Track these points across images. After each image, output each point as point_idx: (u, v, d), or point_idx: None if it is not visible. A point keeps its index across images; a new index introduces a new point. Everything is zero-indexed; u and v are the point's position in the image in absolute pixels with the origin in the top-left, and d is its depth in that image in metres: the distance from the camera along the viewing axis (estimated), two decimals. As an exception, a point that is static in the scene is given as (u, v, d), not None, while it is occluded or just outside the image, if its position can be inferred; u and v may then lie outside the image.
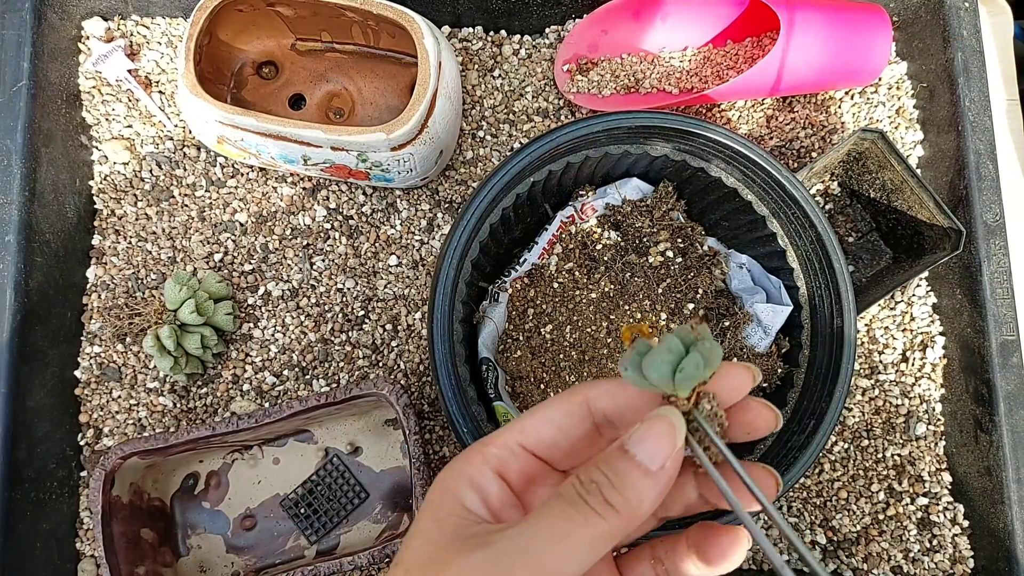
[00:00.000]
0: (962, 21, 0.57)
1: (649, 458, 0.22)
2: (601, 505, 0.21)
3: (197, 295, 0.54)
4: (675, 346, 0.23)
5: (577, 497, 0.22)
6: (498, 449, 0.24)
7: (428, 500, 0.24)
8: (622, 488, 0.22)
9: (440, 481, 0.24)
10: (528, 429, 0.25)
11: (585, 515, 0.21)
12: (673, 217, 0.52)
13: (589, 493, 0.22)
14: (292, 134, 0.51)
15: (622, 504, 0.21)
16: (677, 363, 0.23)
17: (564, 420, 0.25)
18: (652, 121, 0.45)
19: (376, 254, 0.59)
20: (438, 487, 0.24)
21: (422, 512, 0.24)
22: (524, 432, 0.25)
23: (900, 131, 0.61)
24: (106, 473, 0.48)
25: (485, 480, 0.24)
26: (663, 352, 0.23)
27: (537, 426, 0.25)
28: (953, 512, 0.56)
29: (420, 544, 0.23)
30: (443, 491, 0.24)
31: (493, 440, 0.25)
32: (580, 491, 0.22)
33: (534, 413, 0.25)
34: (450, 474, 0.24)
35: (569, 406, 0.25)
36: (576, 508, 0.21)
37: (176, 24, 0.61)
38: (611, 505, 0.21)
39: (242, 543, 0.54)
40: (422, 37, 0.51)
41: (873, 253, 0.61)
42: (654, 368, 0.22)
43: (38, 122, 0.54)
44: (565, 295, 0.52)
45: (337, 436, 0.55)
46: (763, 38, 0.59)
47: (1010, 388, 0.53)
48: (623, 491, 0.22)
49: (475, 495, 0.24)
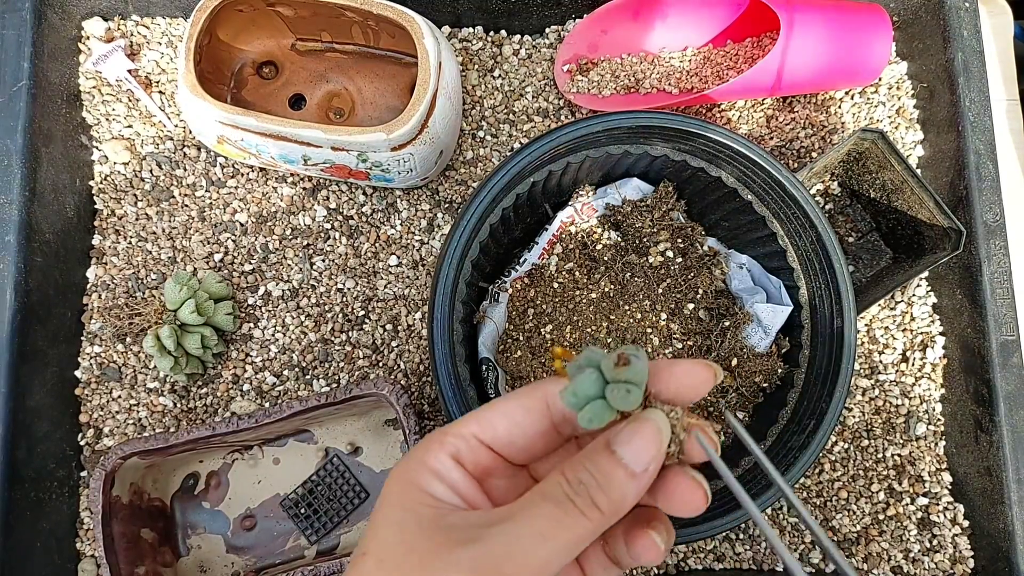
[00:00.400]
0: (962, 21, 0.57)
1: (635, 460, 0.22)
2: (588, 506, 0.22)
3: (197, 295, 0.54)
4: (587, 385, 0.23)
5: (564, 497, 0.22)
6: (455, 439, 0.24)
7: (389, 491, 0.24)
8: (608, 489, 0.22)
9: (400, 473, 0.24)
10: (485, 422, 0.25)
11: (572, 515, 0.22)
12: (673, 217, 0.52)
13: (577, 494, 0.22)
14: (292, 134, 0.51)
15: (607, 504, 0.22)
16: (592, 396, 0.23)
17: (522, 417, 0.25)
18: (652, 121, 0.45)
19: (376, 254, 0.59)
20: (399, 478, 0.24)
21: (385, 502, 0.24)
22: (481, 424, 0.25)
23: (900, 131, 0.61)
24: (106, 473, 0.48)
25: (448, 470, 0.24)
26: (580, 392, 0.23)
27: (494, 421, 0.25)
28: (953, 512, 0.56)
29: (393, 534, 0.23)
30: (406, 482, 0.24)
31: (451, 430, 0.25)
32: (567, 491, 0.22)
33: (493, 407, 0.25)
34: (410, 465, 0.24)
35: (529, 401, 0.25)
36: (563, 509, 0.22)
37: (176, 24, 0.61)
38: (596, 506, 0.22)
39: (242, 543, 0.54)
40: (422, 37, 0.51)
41: (873, 253, 0.61)
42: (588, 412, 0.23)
43: (38, 122, 0.54)
44: (565, 295, 0.52)
45: (337, 436, 0.55)
46: (763, 38, 0.59)
47: (1010, 388, 0.53)
48: (609, 492, 0.22)
49: (442, 484, 0.24)
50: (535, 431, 0.25)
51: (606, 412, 0.23)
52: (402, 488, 0.24)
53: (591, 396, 0.23)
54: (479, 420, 0.25)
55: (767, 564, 0.56)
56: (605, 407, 0.23)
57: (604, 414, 0.23)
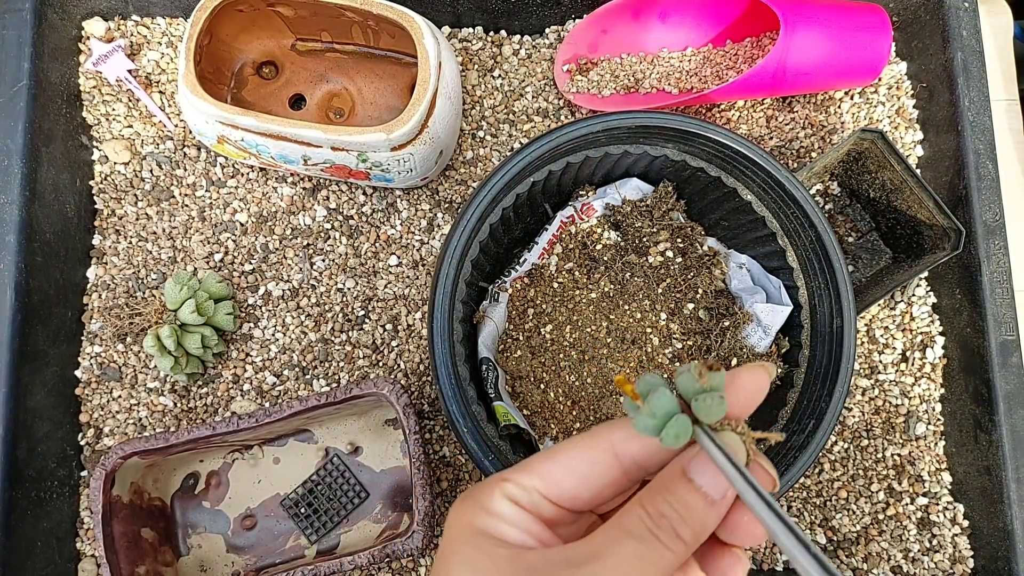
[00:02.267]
0: (962, 21, 0.57)
1: (713, 487, 0.21)
2: (672, 539, 0.21)
3: (197, 295, 0.54)
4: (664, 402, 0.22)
5: (648, 533, 0.21)
6: (516, 488, 0.24)
7: (455, 533, 0.23)
8: (690, 520, 0.21)
9: (462, 517, 0.23)
10: (549, 478, 0.23)
11: (657, 551, 0.21)
12: (673, 217, 0.52)
13: (660, 528, 0.21)
14: (292, 134, 0.51)
15: (689, 535, 0.21)
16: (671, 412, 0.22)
17: (589, 470, 0.23)
18: (652, 121, 0.45)
19: (376, 254, 0.59)
20: (462, 523, 0.23)
21: (454, 544, 0.23)
22: (544, 480, 0.24)
23: (900, 131, 0.61)
24: (106, 473, 0.48)
25: (513, 514, 0.23)
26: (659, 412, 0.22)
27: (558, 476, 0.23)
28: (953, 512, 0.57)
29: (469, 572, 0.22)
30: (473, 528, 0.23)
31: (510, 477, 0.24)
32: (650, 526, 0.21)
33: (555, 458, 0.24)
34: (471, 510, 0.23)
35: (594, 453, 0.23)
36: (648, 545, 0.21)
37: (176, 24, 0.61)
38: (680, 537, 0.21)
39: (242, 543, 0.54)
40: (422, 37, 0.51)
41: (873, 253, 0.61)
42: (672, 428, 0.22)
43: (38, 122, 0.54)
44: (565, 295, 0.52)
45: (337, 436, 0.55)
46: (763, 38, 0.59)
47: (1010, 388, 0.53)
48: (691, 523, 0.21)
49: (512, 528, 0.23)
50: (603, 482, 0.24)
51: (689, 427, 0.22)
52: (470, 534, 0.23)
53: (670, 413, 0.22)
54: (541, 475, 0.23)
55: (767, 564, 0.56)
56: (687, 422, 0.22)
57: (688, 429, 0.22)
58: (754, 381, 0.24)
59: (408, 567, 0.55)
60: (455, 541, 0.23)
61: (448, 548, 0.23)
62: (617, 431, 0.24)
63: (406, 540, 0.47)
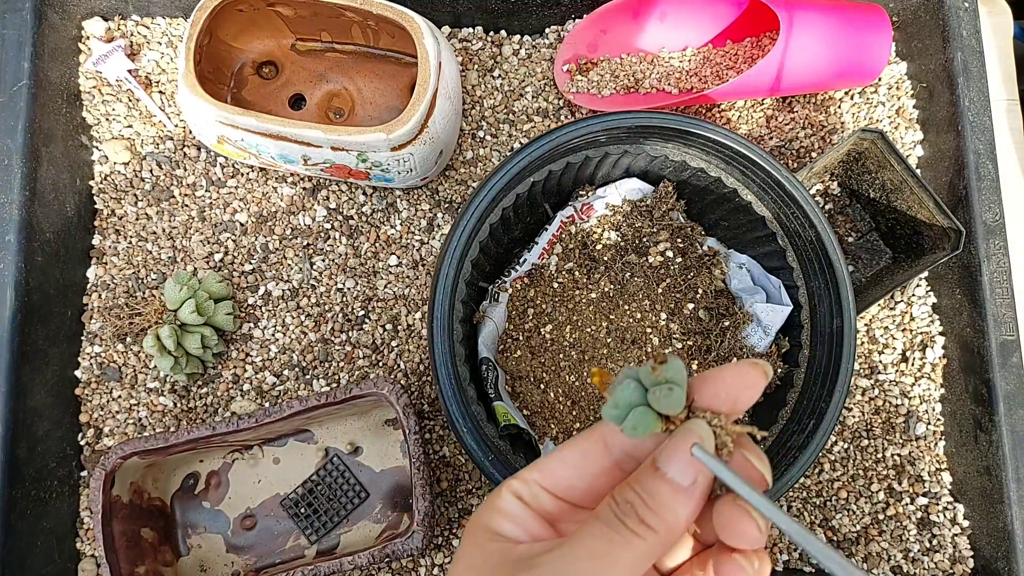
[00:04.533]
0: (962, 21, 0.57)
1: (680, 474, 0.22)
2: (638, 525, 0.21)
3: (197, 295, 0.54)
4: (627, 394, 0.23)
5: (614, 518, 0.22)
6: (520, 482, 0.25)
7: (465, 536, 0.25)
8: (657, 507, 0.22)
9: (474, 519, 0.25)
10: (545, 469, 0.25)
11: (624, 536, 0.21)
12: (673, 217, 0.52)
13: (625, 514, 0.22)
14: (292, 134, 0.51)
15: (657, 523, 0.21)
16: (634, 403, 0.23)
17: (580, 460, 0.24)
18: (652, 121, 0.45)
19: (376, 254, 0.59)
20: (473, 523, 0.25)
21: (462, 544, 0.25)
22: (542, 472, 0.25)
23: (900, 131, 0.61)
24: (106, 473, 0.48)
25: (514, 508, 0.24)
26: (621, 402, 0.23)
27: (553, 468, 0.25)
28: (953, 512, 0.57)
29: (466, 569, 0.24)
30: (478, 526, 0.24)
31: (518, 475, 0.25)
32: (616, 512, 0.22)
33: (552, 454, 0.25)
34: (482, 510, 0.25)
35: (586, 445, 0.24)
36: (614, 529, 0.22)
37: (176, 24, 0.62)
38: (647, 525, 0.21)
39: (242, 543, 0.54)
40: (422, 37, 0.51)
41: (873, 253, 0.61)
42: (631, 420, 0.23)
43: (38, 122, 0.54)
44: (565, 295, 0.52)
45: (337, 436, 0.55)
46: (763, 38, 0.59)
47: (1010, 388, 0.53)
48: (658, 510, 0.21)
49: (509, 523, 0.24)
50: (595, 471, 0.24)
51: (649, 418, 0.22)
52: (475, 531, 0.24)
53: (632, 404, 0.23)
54: (540, 468, 0.25)
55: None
56: (648, 413, 0.22)
57: (648, 421, 0.22)
58: (739, 377, 0.23)
59: (408, 567, 0.55)
60: (464, 540, 0.25)
61: (459, 550, 0.25)
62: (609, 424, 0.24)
63: (406, 540, 0.47)
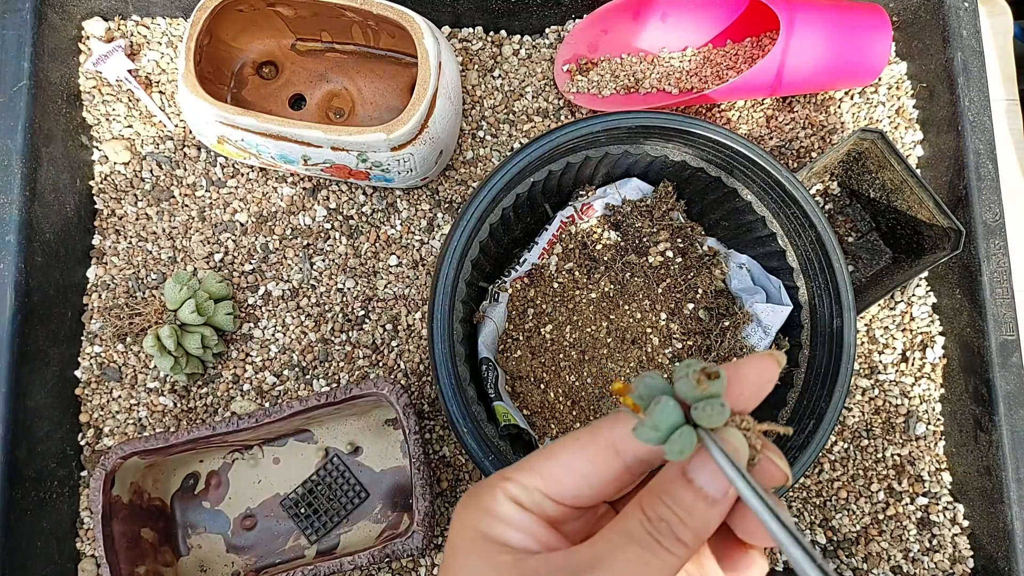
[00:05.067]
0: (962, 21, 0.57)
1: (714, 487, 0.21)
2: (673, 543, 0.21)
3: (197, 295, 0.54)
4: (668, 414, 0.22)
5: (648, 538, 0.21)
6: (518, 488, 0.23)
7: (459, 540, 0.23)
8: (691, 522, 0.21)
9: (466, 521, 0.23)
10: (550, 478, 0.23)
11: (659, 555, 0.21)
12: (673, 217, 0.52)
13: (661, 533, 0.21)
14: (292, 134, 0.51)
15: (691, 538, 0.21)
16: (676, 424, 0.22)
17: (590, 469, 0.23)
18: (652, 121, 0.45)
19: (376, 254, 0.59)
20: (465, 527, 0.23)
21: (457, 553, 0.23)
22: (546, 480, 0.23)
23: (900, 131, 0.61)
24: (106, 473, 0.48)
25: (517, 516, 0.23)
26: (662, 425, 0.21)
27: (559, 475, 0.23)
28: (953, 512, 0.57)
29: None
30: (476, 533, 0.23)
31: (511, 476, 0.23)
32: (651, 530, 0.21)
33: (554, 457, 0.23)
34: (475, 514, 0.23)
35: (595, 451, 0.23)
36: (649, 550, 0.21)
37: (176, 24, 0.61)
38: (681, 540, 0.21)
39: (242, 543, 0.54)
40: (422, 37, 0.51)
41: (873, 253, 0.61)
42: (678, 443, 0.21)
43: (38, 122, 0.54)
44: (565, 295, 0.52)
45: (337, 436, 0.55)
46: (763, 38, 0.59)
47: (1010, 388, 0.53)
48: (691, 525, 0.21)
49: (515, 532, 0.23)
50: (605, 480, 0.23)
51: (693, 438, 0.21)
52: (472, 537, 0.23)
53: (675, 425, 0.21)
54: (543, 474, 0.23)
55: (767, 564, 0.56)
56: (691, 433, 0.21)
57: (692, 441, 0.21)
58: (759, 372, 0.23)
59: (408, 567, 0.55)
60: (459, 547, 0.23)
61: (452, 554, 0.23)
62: (618, 427, 0.23)
63: (406, 540, 0.47)
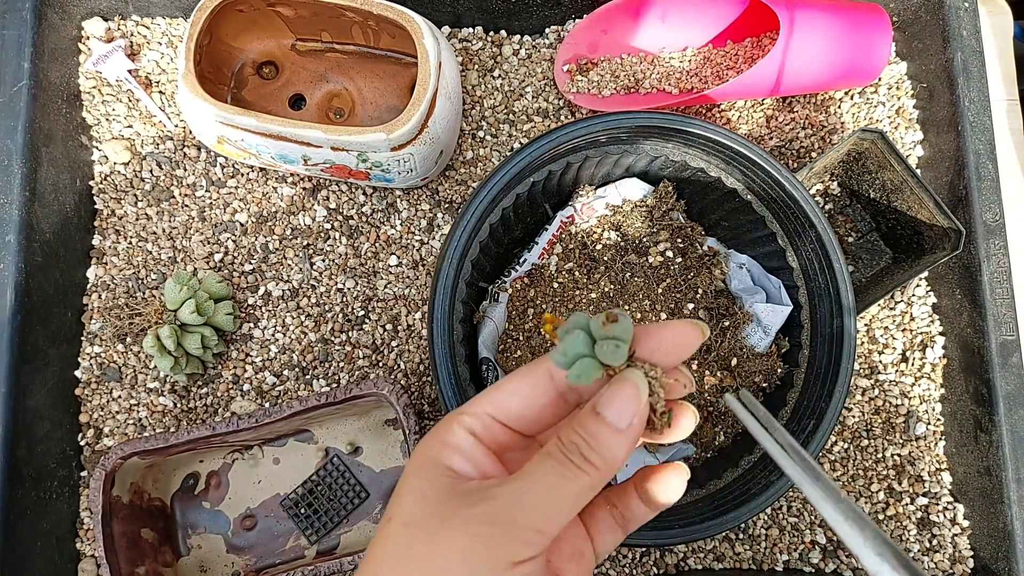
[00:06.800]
0: (962, 21, 0.57)
1: (618, 418, 0.25)
2: (583, 463, 0.24)
3: (197, 295, 0.54)
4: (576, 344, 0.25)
5: (562, 456, 0.25)
6: (471, 417, 0.26)
7: (413, 465, 0.26)
8: (597, 447, 0.25)
9: (422, 450, 0.26)
10: (496, 402, 0.27)
11: (571, 471, 0.24)
12: (673, 217, 0.52)
13: (571, 453, 0.25)
14: (292, 134, 0.51)
15: (599, 460, 0.24)
16: (581, 353, 0.25)
17: (530, 391, 0.27)
18: (652, 121, 0.45)
19: (376, 254, 0.59)
20: (420, 455, 0.26)
21: (408, 476, 0.26)
22: (492, 403, 0.26)
23: (900, 131, 0.61)
24: (106, 473, 0.48)
25: (466, 444, 0.26)
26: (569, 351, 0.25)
27: (503, 400, 0.27)
28: (953, 512, 0.57)
29: (414, 500, 0.25)
30: (427, 458, 0.26)
31: (466, 409, 0.27)
32: (563, 450, 0.25)
33: (502, 387, 0.27)
34: (431, 443, 0.26)
35: (533, 378, 0.27)
36: (563, 465, 0.24)
37: (176, 24, 0.61)
38: (590, 462, 0.24)
39: (242, 543, 0.54)
40: (422, 37, 0.51)
41: (873, 253, 0.61)
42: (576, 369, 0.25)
43: (38, 122, 0.54)
44: (565, 295, 0.52)
45: (337, 436, 0.55)
46: (763, 38, 0.59)
47: (1010, 388, 0.53)
48: (598, 449, 0.24)
49: (460, 458, 0.26)
50: (543, 403, 0.27)
51: (593, 368, 0.25)
52: (423, 463, 0.26)
53: (580, 354, 0.25)
54: (491, 400, 0.27)
55: (767, 564, 0.56)
56: (592, 364, 0.25)
57: (591, 370, 0.25)
58: (678, 335, 0.26)
59: (408, 567, 0.55)
60: (409, 470, 0.26)
61: (404, 478, 0.26)
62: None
63: (406, 540, 0.47)
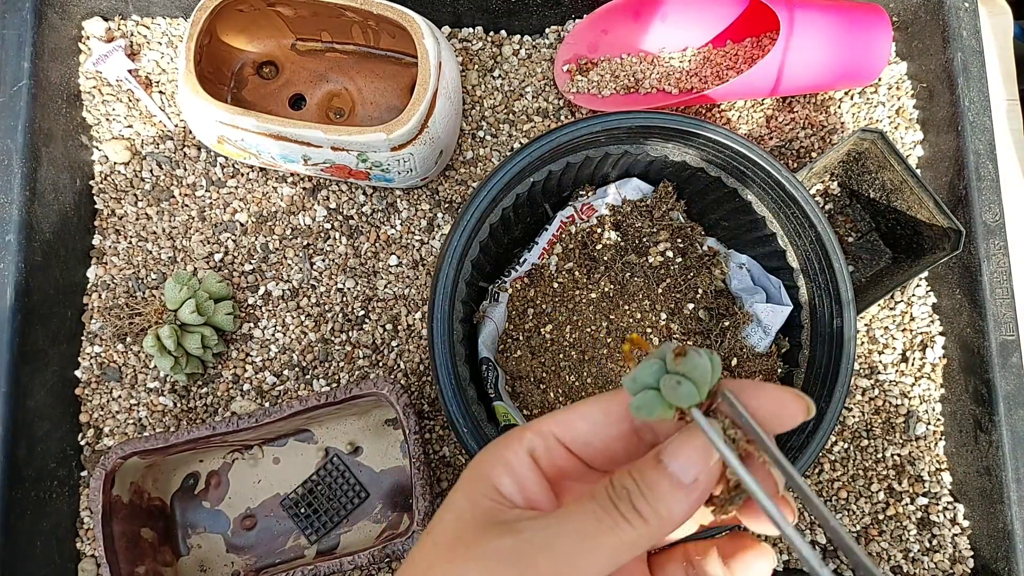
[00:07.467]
0: (962, 21, 0.57)
1: (682, 471, 0.22)
2: (630, 512, 0.21)
3: (197, 295, 0.54)
4: (646, 373, 0.23)
5: (608, 500, 0.22)
6: (534, 435, 0.24)
7: (464, 478, 0.24)
8: (651, 498, 0.22)
9: (477, 463, 0.24)
10: (564, 423, 0.24)
11: (614, 519, 0.21)
12: (673, 217, 0.52)
13: (619, 499, 0.22)
14: (292, 134, 0.51)
15: (650, 514, 0.21)
16: (649, 384, 0.22)
17: (600, 419, 0.24)
18: (652, 121, 0.45)
19: (376, 254, 0.59)
20: (474, 468, 0.24)
21: (457, 489, 0.24)
22: (559, 424, 0.24)
23: (900, 131, 0.61)
24: (106, 473, 0.48)
25: (521, 466, 0.24)
26: (638, 378, 0.22)
27: (573, 421, 0.24)
28: (953, 512, 0.57)
29: (451, 519, 0.23)
30: (478, 474, 0.24)
31: (532, 426, 0.25)
32: (611, 495, 0.22)
33: (573, 408, 0.25)
34: (487, 456, 0.24)
35: (608, 405, 0.24)
36: (606, 511, 0.21)
37: (176, 24, 0.61)
38: (639, 513, 0.21)
39: (242, 543, 0.54)
40: (422, 37, 0.51)
41: (873, 253, 0.61)
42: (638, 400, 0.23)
43: (38, 122, 0.54)
44: (565, 295, 0.52)
45: (337, 436, 0.55)
46: (763, 38, 0.59)
47: (1010, 388, 0.53)
48: (652, 501, 0.22)
49: (510, 480, 0.24)
50: (613, 433, 0.24)
51: (656, 404, 0.22)
52: (473, 476, 0.24)
53: (647, 385, 0.22)
54: (558, 420, 0.25)
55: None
56: (656, 398, 0.22)
57: (654, 405, 0.22)
58: (774, 401, 0.23)
59: (408, 567, 0.55)
60: (461, 484, 0.24)
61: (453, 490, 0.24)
62: None
63: (406, 540, 0.47)
